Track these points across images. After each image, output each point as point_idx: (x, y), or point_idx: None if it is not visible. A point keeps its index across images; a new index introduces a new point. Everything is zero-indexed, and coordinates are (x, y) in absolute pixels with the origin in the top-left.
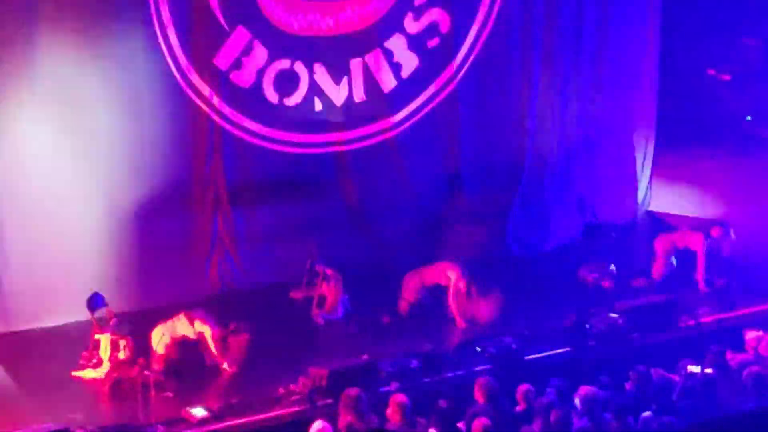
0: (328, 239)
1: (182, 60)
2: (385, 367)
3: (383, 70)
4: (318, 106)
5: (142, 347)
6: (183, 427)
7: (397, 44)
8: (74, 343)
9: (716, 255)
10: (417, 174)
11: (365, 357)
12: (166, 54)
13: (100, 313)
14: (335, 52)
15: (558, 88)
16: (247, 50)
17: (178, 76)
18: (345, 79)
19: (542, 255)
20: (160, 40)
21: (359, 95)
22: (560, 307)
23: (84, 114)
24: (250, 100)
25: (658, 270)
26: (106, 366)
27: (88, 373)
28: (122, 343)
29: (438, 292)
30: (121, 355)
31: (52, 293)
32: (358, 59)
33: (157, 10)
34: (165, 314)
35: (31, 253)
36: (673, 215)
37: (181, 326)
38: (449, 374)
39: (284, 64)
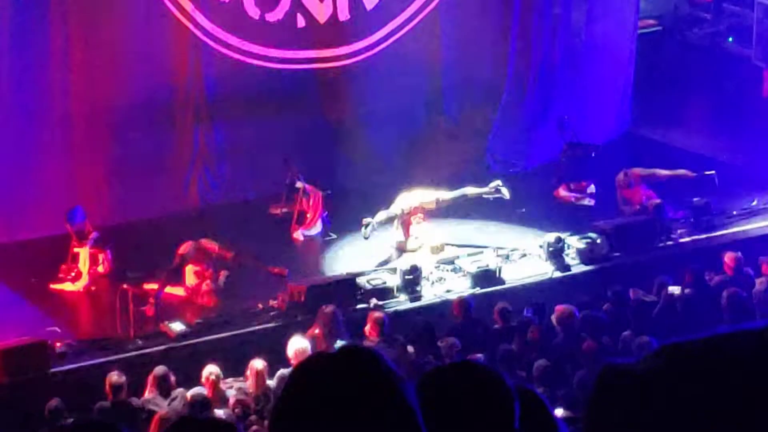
0: (308, 156)
1: None
2: (364, 283)
3: None
4: (301, 22)
5: (120, 260)
6: (161, 341)
7: None
8: (53, 256)
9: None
10: (398, 92)
11: (344, 273)
12: None
13: (80, 226)
14: None
15: (540, 8)
16: None
17: None
18: None
19: (522, 173)
20: None
21: (344, 13)
22: (539, 226)
23: (65, 25)
24: (230, 15)
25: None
26: (84, 279)
27: (67, 286)
28: (101, 256)
29: None
30: (100, 269)
31: (31, 206)
32: None
33: None
34: (144, 228)
35: (8, 167)
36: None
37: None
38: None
39: None
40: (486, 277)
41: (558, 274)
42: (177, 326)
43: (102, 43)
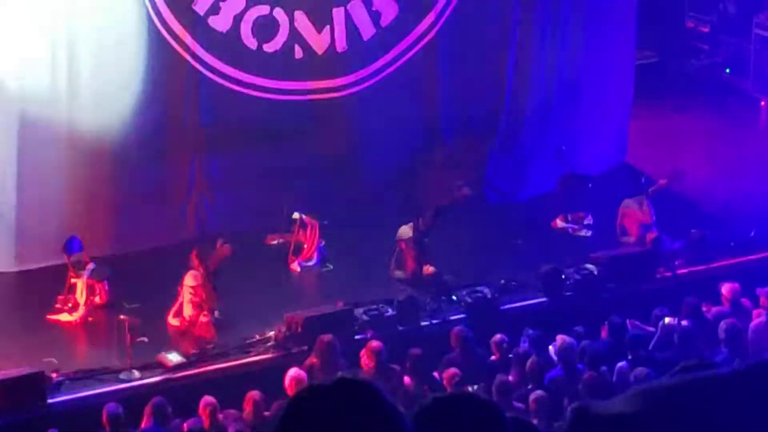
0: (305, 187)
1: (161, 4)
2: (361, 314)
3: (363, 18)
4: (298, 53)
5: (117, 291)
6: (158, 371)
7: None
8: (50, 286)
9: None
10: (395, 123)
11: (340, 304)
12: None
13: (77, 257)
14: (317, 0)
15: (537, 39)
16: None
17: (156, 20)
18: (327, 28)
19: (519, 204)
20: None
21: (341, 44)
22: (536, 257)
23: (61, 56)
24: (227, 45)
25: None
26: (81, 310)
27: (64, 317)
28: (98, 287)
29: None
30: (97, 300)
31: (28, 237)
32: (341, 8)
33: None
34: (141, 259)
35: (7, 197)
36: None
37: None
38: (425, 323)
39: (263, 9)
40: (483, 307)
41: (555, 305)
42: (174, 357)
43: (97, 75)
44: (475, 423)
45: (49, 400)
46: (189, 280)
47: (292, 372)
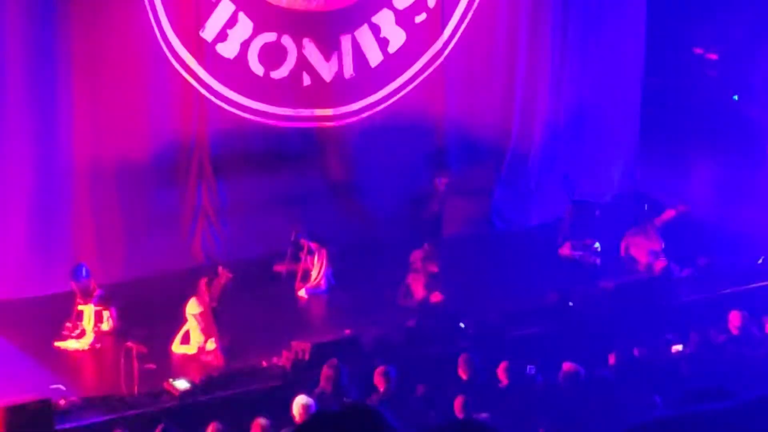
0: (312, 213)
1: (168, 31)
2: (368, 341)
3: (370, 45)
4: (306, 80)
5: (124, 318)
6: (166, 398)
7: (384, 19)
8: (57, 314)
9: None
10: (402, 150)
11: (348, 331)
12: (153, 25)
13: (84, 283)
14: (325, 28)
15: (544, 66)
16: (232, 22)
17: (164, 46)
18: (335, 55)
19: (526, 231)
20: (148, 10)
21: (348, 71)
22: (543, 284)
23: (70, 80)
24: (235, 72)
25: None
26: (89, 337)
27: (71, 344)
28: (106, 314)
29: None
30: (105, 326)
31: (35, 264)
32: (348, 35)
33: None
34: (149, 285)
35: (13, 224)
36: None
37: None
38: (432, 350)
39: (270, 37)
40: (490, 334)
41: (562, 332)
42: (181, 384)
43: (107, 99)
44: None
45: (57, 427)
46: (194, 308)
47: (300, 399)
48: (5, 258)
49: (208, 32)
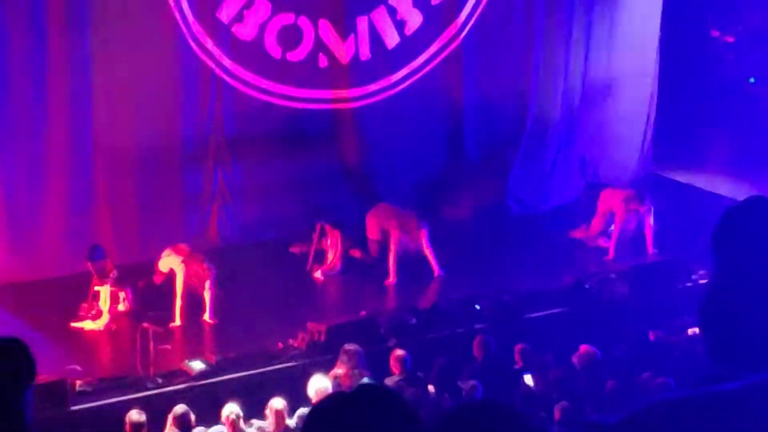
0: (328, 195)
1: (186, 12)
2: (384, 322)
3: (387, 26)
4: (323, 62)
5: (140, 299)
6: (182, 379)
7: (401, 1)
8: (74, 294)
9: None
10: (418, 132)
11: (363, 313)
12: (171, 5)
13: (100, 264)
14: (342, 9)
15: (561, 48)
16: (249, 3)
17: (183, 27)
18: (352, 37)
19: (542, 214)
20: None
21: (365, 53)
22: (559, 267)
23: (87, 64)
24: (251, 54)
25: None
26: (105, 318)
27: (87, 325)
28: (122, 295)
29: None
30: (121, 307)
31: (52, 245)
32: (365, 16)
33: None
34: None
35: (31, 205)
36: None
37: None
38: (447, 331)
39: (288, 18)
40: (506, 316)
41: (577, 314)
42: (197, 365)
43: (123, 81)
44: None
45: (73, 408)
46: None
47: (316, 380)
48: (22, 239)
49: (225, 13)
